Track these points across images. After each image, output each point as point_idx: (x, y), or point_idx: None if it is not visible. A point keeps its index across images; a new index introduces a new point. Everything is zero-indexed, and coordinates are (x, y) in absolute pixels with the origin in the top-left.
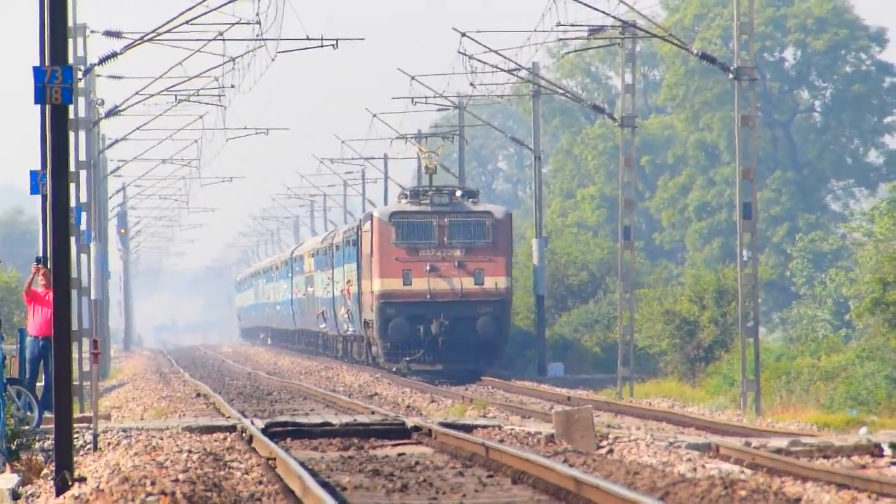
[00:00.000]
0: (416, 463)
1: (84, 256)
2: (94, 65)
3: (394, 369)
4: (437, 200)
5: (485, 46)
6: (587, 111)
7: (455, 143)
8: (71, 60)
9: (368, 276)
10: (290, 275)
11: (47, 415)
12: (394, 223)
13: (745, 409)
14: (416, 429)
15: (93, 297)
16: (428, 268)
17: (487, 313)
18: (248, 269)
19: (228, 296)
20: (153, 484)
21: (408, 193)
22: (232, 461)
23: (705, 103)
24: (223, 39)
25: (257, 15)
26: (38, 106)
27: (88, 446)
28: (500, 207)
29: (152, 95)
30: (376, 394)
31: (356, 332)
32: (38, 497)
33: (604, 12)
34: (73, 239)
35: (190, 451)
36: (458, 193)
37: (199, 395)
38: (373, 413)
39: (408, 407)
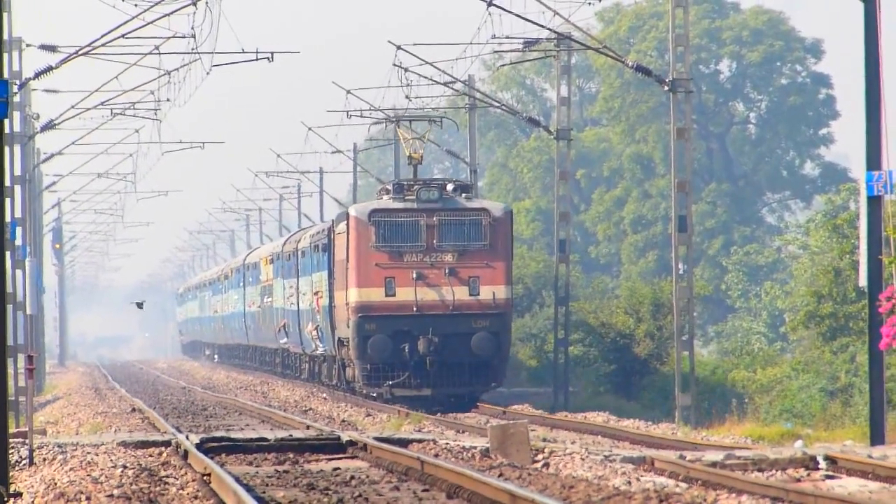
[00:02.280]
0: (352, 477)
1: (19, 272)
2: (30, 79)
3: (374, 395)
4: (424, 196)
5: (420, 59)
6: (522, 124)
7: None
8: (6, 74)
9: (343, 286)
10: (241, 284)
11: None
12: (374, 223)
13: (680, 423)
14: (352, 443)
15: (28, 312)
16: (414, 275)
17: (484, 328)
18: (192, 280)
19: (164, 311)
20: (88, 499)
21: (390, 188)
22: (167, 476)
23: (641, 116)
24: (159, 53)
25: (192, 29)
26: None
27: (24, 461)
28: (498, 204)
29: (88, 109)
30: (311, 409)
31: (327, 351)
32: None
33: (539, 24)
34: (7, 254)
35: (125, 467)
36: (450, 187)
37: (134, 410)
38: (308, 428)
39: (343, 421)
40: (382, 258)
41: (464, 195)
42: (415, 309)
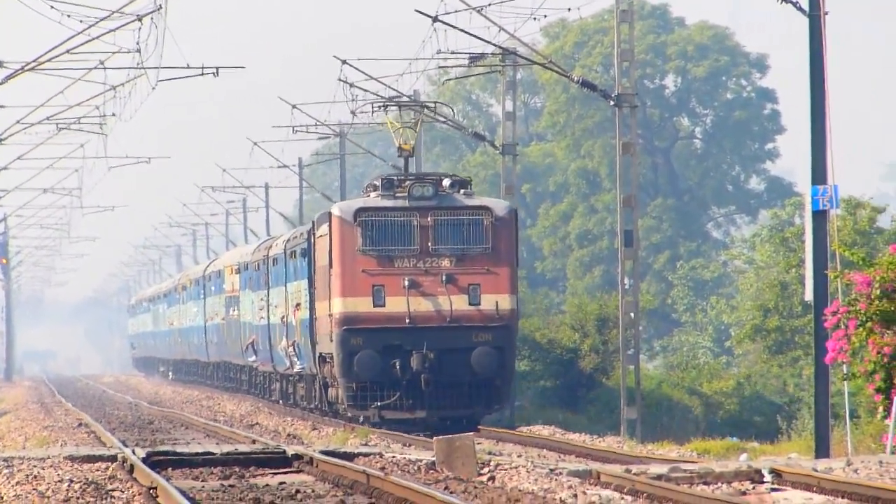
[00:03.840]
0: (297, 491)
1: None
2: None
3: (360, 419)
4: (417, 192)
5: (365, 74)
6: (468, 139)
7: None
8: None
9: (326, 296)
10: (202, 296)
11: None
12: (360, 223)
13: (626, 436)
14: (298, 457)
15: None
16: (406, 283)
17: (486, 343)
18: (145, 291)
19: (110, 324)
20: None
21: (378, 183)
22: (113, 490)
23: (586, 131)
24: (104, 68)
25: (137, 44)
26: None
27: None
28: (502, 202)
29: (33, 124)
30: (257, 423)
31: (305, 369)
32: None
33: (484, 40)
34: None
35: (72, 481)
36: (447, 182)
37: (80, 424)
38: (254, 442)
39: (289, 435)
40: (370, 264)
41: (462, 192)
42: (407, 321)
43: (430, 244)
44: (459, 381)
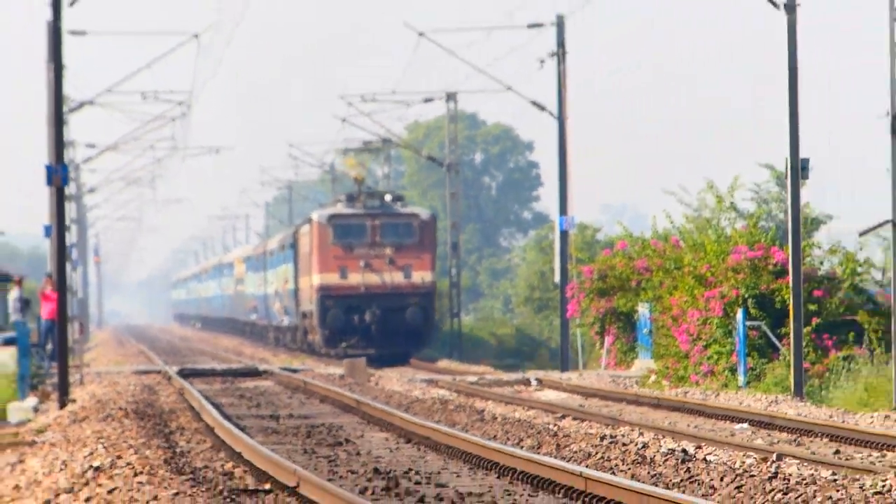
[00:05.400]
0: (265, 391)
1: (74, 274)
2: (79, 164)
3: (332, 353)
4: (369, 203)
5: (305, 151)
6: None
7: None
8: (66, 160)
9: (307, 273)
10: (219, 277)
11: (54, 364)
12: (331, 224)
13: (454, 360)
14: (265, 371)
15: (79, 296)
16: (362, 264)
17: (415, 304)
18: (181, 273)
19: (163, 295)
20: (114, 403)
21: (342, 198)
22: (159, 390)
23: (430, 185)
24: (153, 148)
25: (173, 137)
26: (49, 187)
27: (77, 382)
28: (425, 210)
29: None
30: (242, 352)
31: (292, 322)
32: (49, 411)
33: (372, 132)
34: (68, 264)
35: (136, 385)
36: (388, 197)
37: (140, 352)
38: (239, 361)
39: (261, 359)
40: (338, 251)
41: (399, 203)
42: (362, 289)
43: (377, 238)
44: (397, 329)
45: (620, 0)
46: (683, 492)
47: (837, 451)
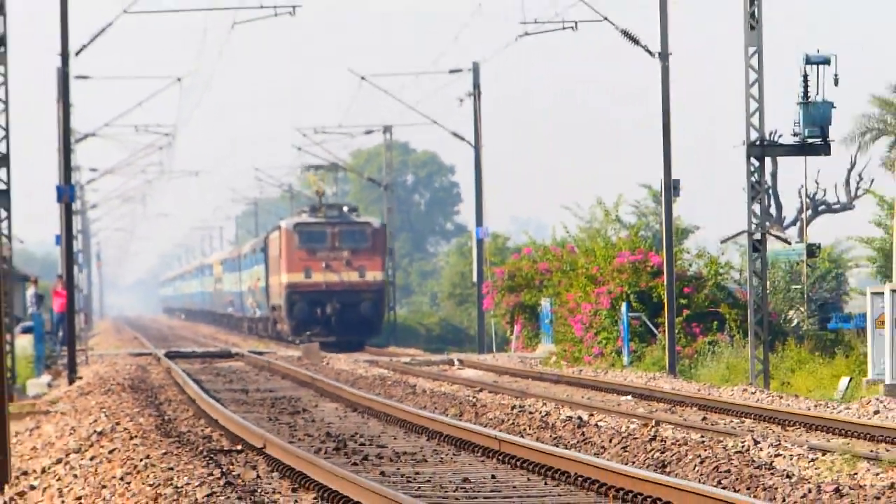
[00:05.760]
0: (237, 370)
1: (80, 275)
2: (83, 184)
3: (297, 341)
4: (329, 214)
5: (268, 174)
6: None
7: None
8: (73, 181)
9: (277, 272)
10: (200, 276)
11: (64, 348)
12: (297, 231)
13: (392, 346)
14: (237, 354)
15: (84, 293)
16: (324, 265)
17: (368, 299)
18: (168, 274)
19: (153, 291)
20: (113, 380)
21: (307, 209)
22: (150, 369)
23: (370, 201)
24: (143, 172)
25: (161, 163)
26: (59, 204)
27: (83, 362)
28: (376, 219)
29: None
30: (216, 337)
31: (263, 314)
32: (60, 386)
33: (322, 159)
34: (75, 267)
35: (131, 365)
36: (346, 209)
37: (135, 338)
38: (215, 346)
39: (233, 344)
40: (303, 254)
41: (354, 213)
42: (324, 286)
43: (336, 243)
44: (353, 320)
45: (528, 48)
46: (580, 451)
47: (705, 418)
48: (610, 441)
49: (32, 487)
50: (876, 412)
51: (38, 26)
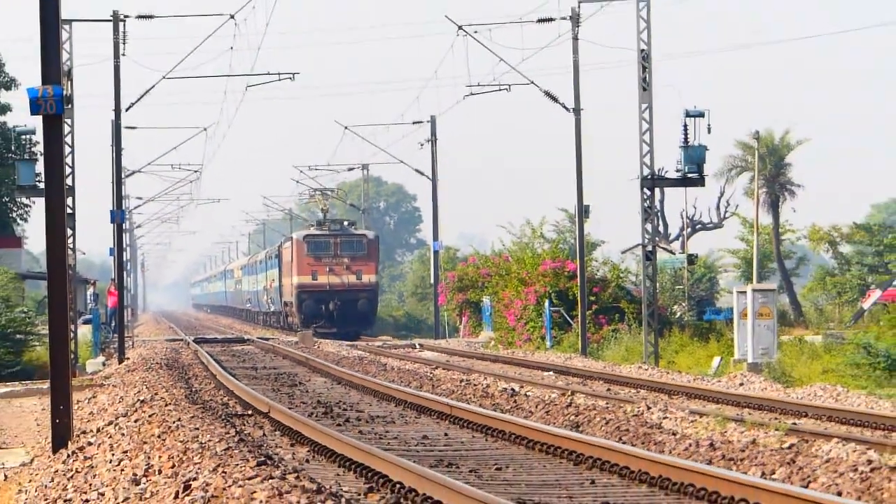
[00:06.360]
0: (248, 352)
1: (128, 278)
2: (131, 209)
3: (303, 331)
4: (332, 227)
5: (273, 201)
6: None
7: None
8: (124, 206)
9: (289, 275)
10: (223, 279)
11: (115, 335)
12: (306, 242)
13: (366, 335)
14: (249, 339)
15: (131, 293)
16: (328, 269)
17: (364, 298)
18: (196, 277)
19: (185, 291)
20: (153, 360)
21: (313, 224)
22: (182, 351)
23: (351, 223)
24: (176, 193)
25: (191, 193)
26: (112, 224)
27: (130, 346)
28: (371, 231)
29: (156, 215)
30: (233, 327)
31: (276, 310)
32: (112, 365)
33: (315, 189)
34: (124, 272)
35: (167, 348)
36: (346, 223)
37: (171, 327)
38: (233, 334)
39: (245, 332)
40: (311, 260)
41: (353, 227)
42: (328, 287)
43: (338, 251)
44: (352, 315)
45: (473, 104)
46: (513, 414)
47: (609, 389)
48: (536, 407)
49: (90, 443)
50: (741, 384)
51: (97, 88)
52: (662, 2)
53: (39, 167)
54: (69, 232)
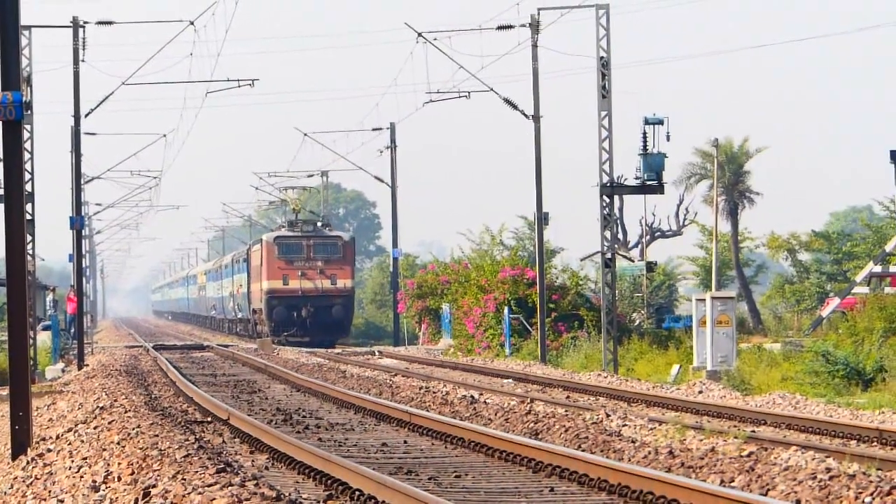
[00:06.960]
0: (208, 359)
1: (87, 285)
2: (91, 216)
3: (275, 342)
4: (305, 228)
5: (232, 208)
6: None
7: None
8: (83, 213)
9: (258, 280)
10: (186, 285)
11: (75, 342)
12: (277, 244)
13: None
14: (208, 346)
15: (90, 299)
16: (300, 273)
17: (339, 304)
18: (158, 282)
19: (145, 297)
20: (113, 366)
21: (284, 224)
22: (141, 358)
23: (325, 226)
24: (137, 206)
25: (150, 199)
26: (72, 230)
27: (89, 353)
28: (347, 233)
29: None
30: (193, 333)
31: (244, 317)
32: (71, 372)
33: (274, 196)
34: (84, 279)
35: (126, 355)
36: (319, 224)
37: (130, 333)
38: (192, 340)
39: (205, 339)
40: (281, 263)
41: (327, 227)
42: (300, 292)
43: (311, 254)
44: (326, 322)
45: (432, 111)
46: (472, 422)
47: (568, 396)
48: (495, 414)
49: (49, 450)
50: (700, 392)
51: (56, 95)
52: (621, 10)
53: None
54: (28, 238)
